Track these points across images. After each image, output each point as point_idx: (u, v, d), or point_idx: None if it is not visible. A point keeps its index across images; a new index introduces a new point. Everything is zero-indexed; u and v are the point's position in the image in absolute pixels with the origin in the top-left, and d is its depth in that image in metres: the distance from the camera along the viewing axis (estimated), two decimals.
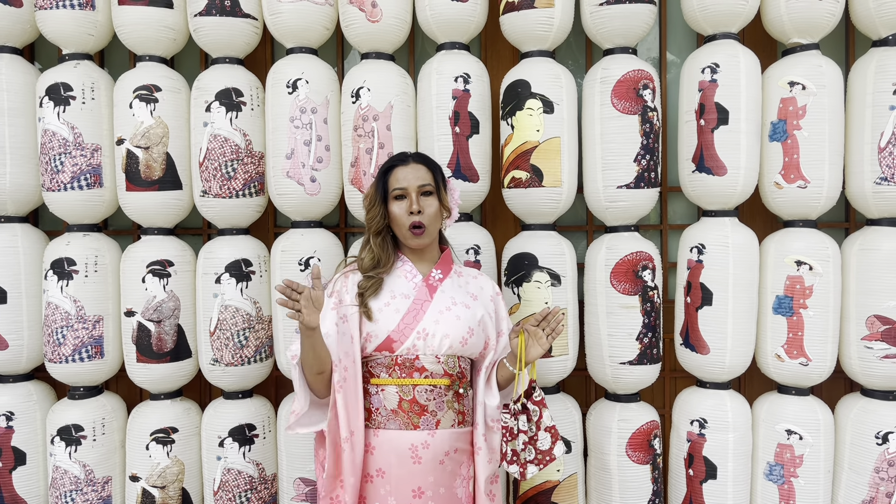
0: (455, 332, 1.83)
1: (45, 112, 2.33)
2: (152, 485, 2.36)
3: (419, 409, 1.81)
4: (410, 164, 1.88)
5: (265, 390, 2.56)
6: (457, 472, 1.86)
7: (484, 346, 1.91)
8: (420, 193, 1.85)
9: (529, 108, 2.26)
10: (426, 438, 1.81)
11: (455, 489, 1.85)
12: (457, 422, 1.85)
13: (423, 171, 1.87)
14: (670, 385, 2.60)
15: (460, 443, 1.86)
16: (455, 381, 1.85)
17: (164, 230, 2.41)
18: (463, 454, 1.87)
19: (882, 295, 2.19)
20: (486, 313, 1.91)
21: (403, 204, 1.85)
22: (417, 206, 1.83)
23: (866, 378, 2.26)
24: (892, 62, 2.18)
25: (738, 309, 2.22)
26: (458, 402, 1.86)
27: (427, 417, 1.81)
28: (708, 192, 2.25)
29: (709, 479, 2.27)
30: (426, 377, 1.82)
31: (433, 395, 1.82)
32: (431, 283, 1.90)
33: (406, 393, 1.82)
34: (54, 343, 2.35)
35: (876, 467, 2.21)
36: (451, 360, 1.85)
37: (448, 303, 1.87)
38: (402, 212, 1.85)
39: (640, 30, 2.27)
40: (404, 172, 1.86)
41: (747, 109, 2.19)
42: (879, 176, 2.19)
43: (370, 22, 2.27)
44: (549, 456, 1.79)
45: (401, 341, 1.82)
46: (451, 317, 1.85)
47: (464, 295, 1.91)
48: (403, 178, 1.86)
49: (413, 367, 1.82)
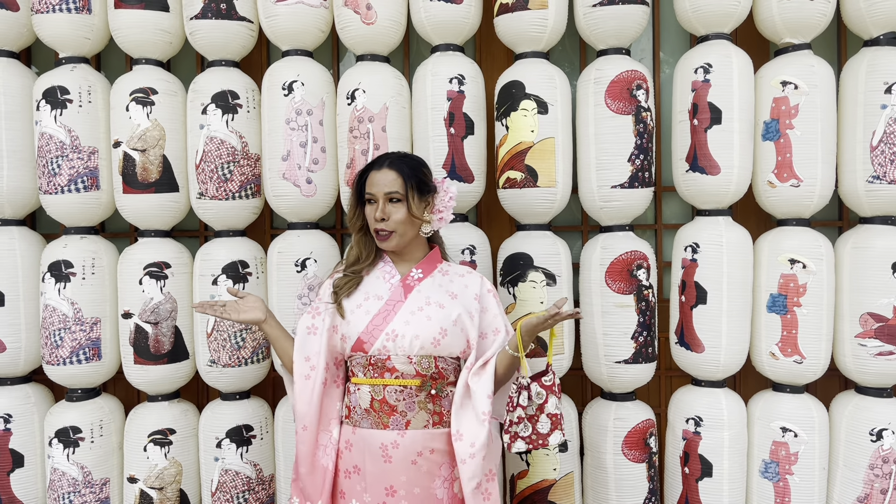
0: (426, 332, 1.82)
1: (42, 115, 2.34)
2: (150, 486, 2.36)
3: (389, 409, 1.82)
4: (383, 170, 1.86)
5: (262, 391, 2.57)
6: (435, 473, 1.83)
7: (465, 345, 1.87)
8: (387, 200, 1.84)
9: (524, 109, 2.27)
10: (395, 438, 1.81)
11: (433, 490, 1.83)
12: (431, 423, 1.84)
13: (392, 177, 1.84)
14: (666, 384, 2.61)
15: (436, 443, 1.83)
16: (427, 381, 1.84)
17: (161, 232, 2.42)
18: (441, 455, 1.84)
19: (875, 292, 2.20)
20: (466, 312, 1.86)
21: (372, 208, 1.87)
22: (381, 214, 1.84)
23: (860, 375, 2.27)
24: (883, 62, 2.20)
25: (733, 307, 2.24)
26: (432, 402, 1.84)
27: (396, 417, 1.82)
28: (701, 191, 2.27)
29: (704, 476, 2.28)
30: (396, 377, 1.83)
31: (403, 396, 1.82)
32: (409, 282, 1.90)
33: (377, 393, 1.84)
34: (52, 345, 2.36)
35: (870, 464, 2.22)
36: (425, 360, 1.84)
37: (422, 303, 1.86)
38: (370, 216, 1.88)
39: (633, 31, 2.29)
40: (376, 178, 1.86)
41: (740, 109, 2.21)
42: (871, 174, 2.20)
43: (365, 24, 2.29)
44: (543, 440, 1.79)
45: (370, 342, 1.83)
46: (423, 317, 1.84)
47: (441, 294, 1.88)
48: (373, 184, 1.86)
49: (385, 367, 1.83)
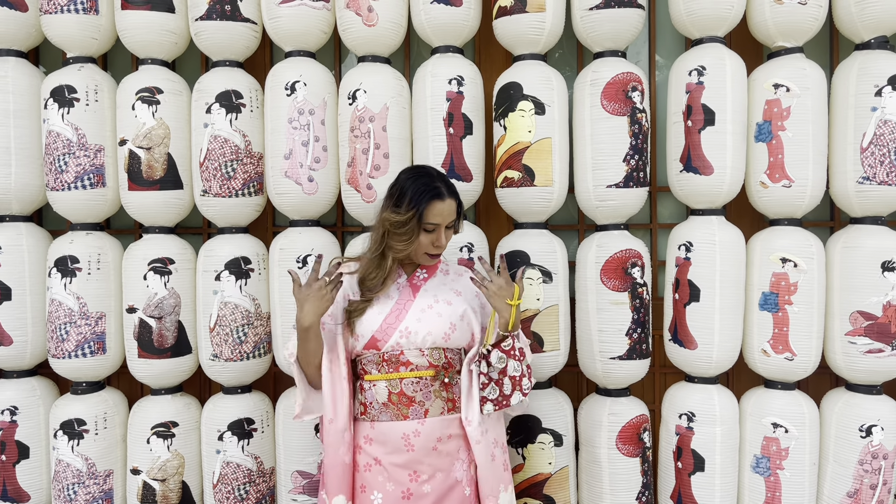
0: (437, 328, 1.92)
1: (49, 114, 2.39)
2: (153, 478, 2.41)
3: (407, 400, 1.89)
4: (447, 201, 1.90)
5: (264, 385, 2.62)
6: (454, 457, 1.93)
7: (470, 338, 1.98)
8: (446, 227, 1.92)
9: (521, 110, 2.32)
10: (416, 427, 1.88)
11: (453, 472, 1.92)
12: (446, 409, 1.92)
13: (454, 207, 1.92)
14: (660, 380, 2.66)
15: (453, 429, 1.92)
16: (440, 371, 1.92)
17: (165, 229, 2.47)
18: (458, 439, 1.93)
19: (865, 291, 2.24)
20: (470, 308, 1.98)
21: (431, 236, 1.91)
22: (444, 242, 1.92)
23: (850, 372, 2.31)
24: (874, 65, 2.24)
25: (725, 305, 2.28)
26: (445, 390, 1.93)
27: (415, 407, 1.89)
28: (695, 191, 2.31)
29: (697, 471, 2.32)
30: (412, 370, 1.90)
31: (419, 387, 1.90)
32: (416, 282, 1.99)
33: (394, 386, 1.90)
34: (58, 339, 2.40)
35: (860, 460, 2.26)
36: (435, 352, 1.93)
37: (430, 301, 1.95)
38: (428, 243, 1.91)
39: (629, 33, 2.33)
40: (441, 208, 1.88)
41: (733, 111, 2.25)
42: (862, 175, 2.25)
43: (366, 26, 2.34)
44: (507, 400, 1.89)
45: (384, 340, 1.91)
46: (433, 314, 1.93)
47: (447, 292, 1.98)
48: (439, 215, 1.89)
49: (399, 361, 1.91)
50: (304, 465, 2.40)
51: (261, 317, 2.42)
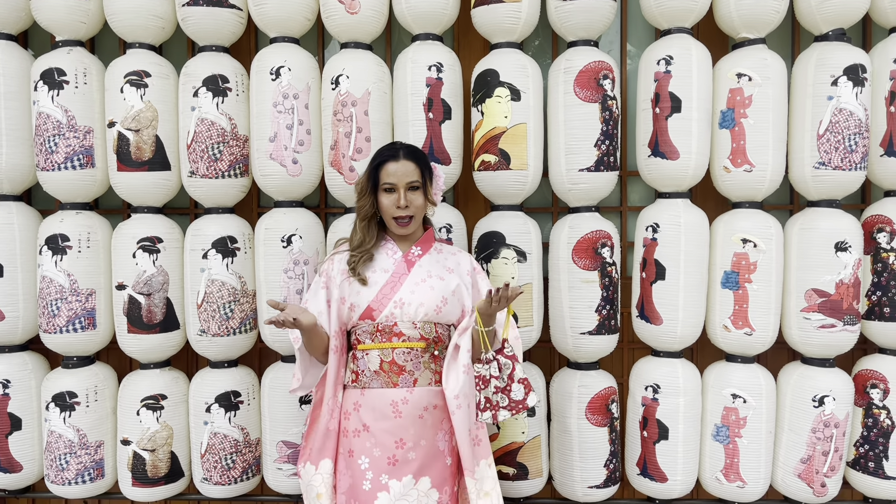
0: (429, 301, 2.03)
1: (39, 96, 2.45)
2: (143, 448, 2.50)
3: (398, 369, 2.01)
4: (401, 161, 2.02)
5: (249, 360, 2.71)
6: (437, 427, 2.04)
7: (461, 313, 2.10)
8: (408, 189, 2.02)
9: (498, 96, 2.41)
10: (405, 395, 2.00)
11: (436, 442, 2.04)
12: (433, 381, 2.04)
13: (411, 168, 2.02)
14: (628, 355, 2.78)
15: (438, 400, 2.03)
16: (431, 344, 2.04)
17: (154, 209, 2.54)
18: (442, 410, 2.04)
19: (819, 270, 2.37)
20: (462, 284, 2.10)
21: (392, 197, 2.02)
22: (405, 202, 2.01)
23: (805, 347, 2.45)
24: (830, 56, 2.35)
25: (689, 283, 2.40)
26: (434, 363, 2.05)
27: (405, 376, 2.01)
28: (662, 175, 2.43)
29: (661, 439, 2.46)
30: (404, 341, 2.02)
31: (410, 357, 2.01)
32: (410, 258, 2.10)
33: (386, 355, 2.01)
34: (49, 315, 2.48)
35: (813, 428, 2.41)
36: (427, 325, 2.04)
37: (424, 275, 2.07)
38: (390, 204, 2.02)
39: (601, 24, 2.43)
40: (395, 167, 2.01)
41: (698, 98, 2.36)
42: (818, 161, 2.37)
43: (349, 13, 2.41)
44: (522, 404, 1.94)
45: (380, 310, 2.02)
46: (426, 287, 2.05)
47: (440, 269, 2.10)
48: (393, 174, 2.01)
49: (392, 332, 2.02)
50: (289, 435, 2.50)
51: (247, 294, 2.50)
